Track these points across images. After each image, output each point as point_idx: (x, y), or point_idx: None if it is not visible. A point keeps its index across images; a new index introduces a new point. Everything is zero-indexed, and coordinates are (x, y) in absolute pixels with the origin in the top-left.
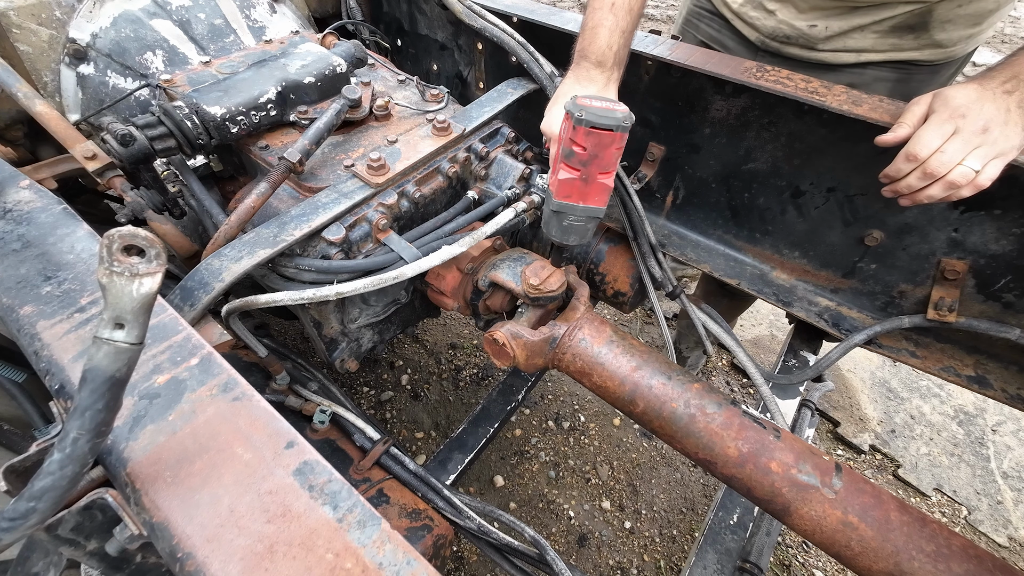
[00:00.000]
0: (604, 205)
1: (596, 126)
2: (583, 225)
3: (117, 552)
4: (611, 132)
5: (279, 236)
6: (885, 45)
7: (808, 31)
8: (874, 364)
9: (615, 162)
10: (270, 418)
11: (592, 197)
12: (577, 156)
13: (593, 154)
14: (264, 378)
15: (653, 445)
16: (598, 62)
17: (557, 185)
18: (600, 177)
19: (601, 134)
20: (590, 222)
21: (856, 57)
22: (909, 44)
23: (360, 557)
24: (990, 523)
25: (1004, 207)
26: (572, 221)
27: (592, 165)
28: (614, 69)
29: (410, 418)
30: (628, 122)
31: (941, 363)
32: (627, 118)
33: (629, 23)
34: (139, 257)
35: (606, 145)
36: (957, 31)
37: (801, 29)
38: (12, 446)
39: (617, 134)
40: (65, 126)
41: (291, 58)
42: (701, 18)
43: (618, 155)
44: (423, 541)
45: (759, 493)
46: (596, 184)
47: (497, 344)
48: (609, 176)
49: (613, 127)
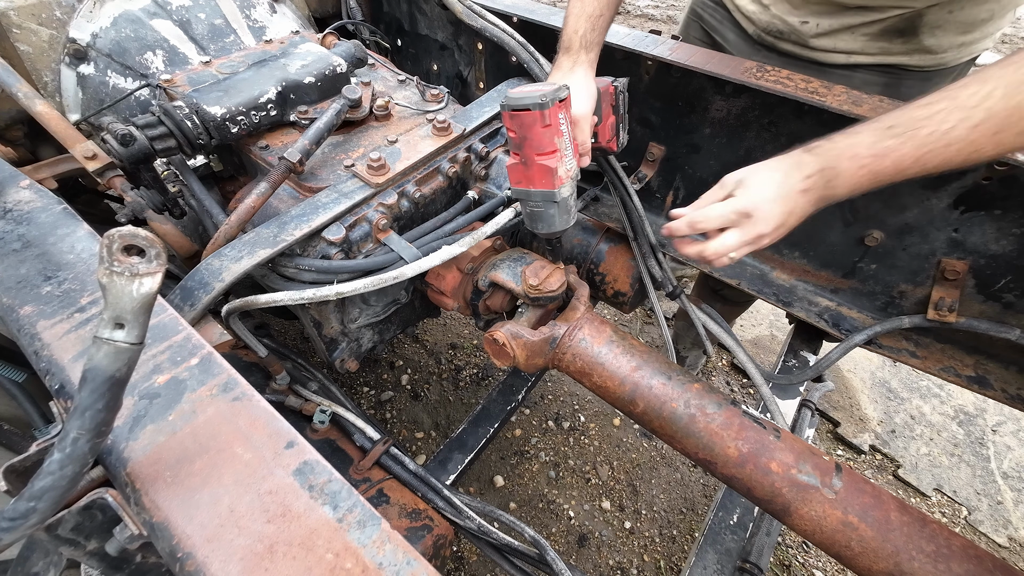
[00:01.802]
0: (554, 187)
1: (515, 108)
2: (544, 211)
3: (117, 552)
4: (529, 111)
5: (279, 236)
6: (874, 48)
7: (800, 27)
8: (874, 364)
9: (550, 142)
10: (270, 418)
11: (537, 180)
12: (513, 141)
13: (522, 136)
14: (264, 378)
15: (653, 445)
16: (565, 48)
17: (508, 173)
18: (539, 159)
19: (522, 115)
20: (549, 206)
21: (846, 59)
22: (898, 48)
23: (360, 557)
24: (990, 523)
25: (1004, 207)
26: (532, 207)
27: (525, 147)
28: (580, 52)
29: (410, 418)
30: (548, 98)
31: (941, 363)
32: (547, 95)
33: (596, 7)
34: (139, 257)
35: (529, 125)
36: (947, 37)
37: (793, 25)
38: (12, 446)
39: (536, 112)
40: (65, 126)
41: (291, 58)
42: (705, 8)
43: (549, 134)
44: (423, 541)
45: (759, 493)
46: (536, 166)
47: (497, 344)
48: (549, 157)
49: (530, 106)
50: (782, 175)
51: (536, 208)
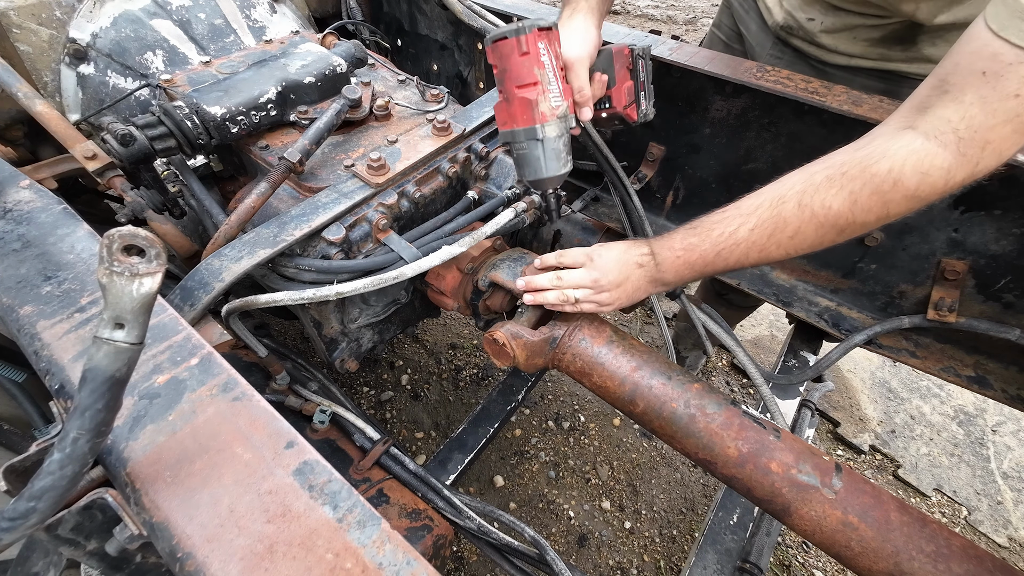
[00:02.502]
0: (535, 123)
1: (495, 39)
2: (528, 152)
3: (117, 552)
4: (506, 39)
5: (279, 236)
6: (874, 54)
7: (806, 24)
8: (874, 364)
9: (529, 72)
10: (270, 418)
11: (519, 116)
12: (496, 77)
13: (503, 68)
14: (264, 378)
15: (653, 445)
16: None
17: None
18: (518, 91)
19: (500, 45)
20: (533, 146)
21: (847, 61)
22: (897, 55)
23: (360, 557)
24: (990, 523)
25: (1004, 207)
26: (518, 150)
27: (506, 80)
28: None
29: (410, 418)
30: (526, 25)
31: (941, 363)
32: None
33: None
34: (139, 257)
35: (508, 55)
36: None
37: (801, 21)
38: (12, 446)
39: (512, 40)
40: (65, 126)
41: (291, 58)
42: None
43: (528, 63)
44: (423, 541)
45: (759, 493)
46: (517, 100)
47: (497, 344)
48: (528, 89)
49: (507, 33)
50: (625, 248)
51: (521, 150)
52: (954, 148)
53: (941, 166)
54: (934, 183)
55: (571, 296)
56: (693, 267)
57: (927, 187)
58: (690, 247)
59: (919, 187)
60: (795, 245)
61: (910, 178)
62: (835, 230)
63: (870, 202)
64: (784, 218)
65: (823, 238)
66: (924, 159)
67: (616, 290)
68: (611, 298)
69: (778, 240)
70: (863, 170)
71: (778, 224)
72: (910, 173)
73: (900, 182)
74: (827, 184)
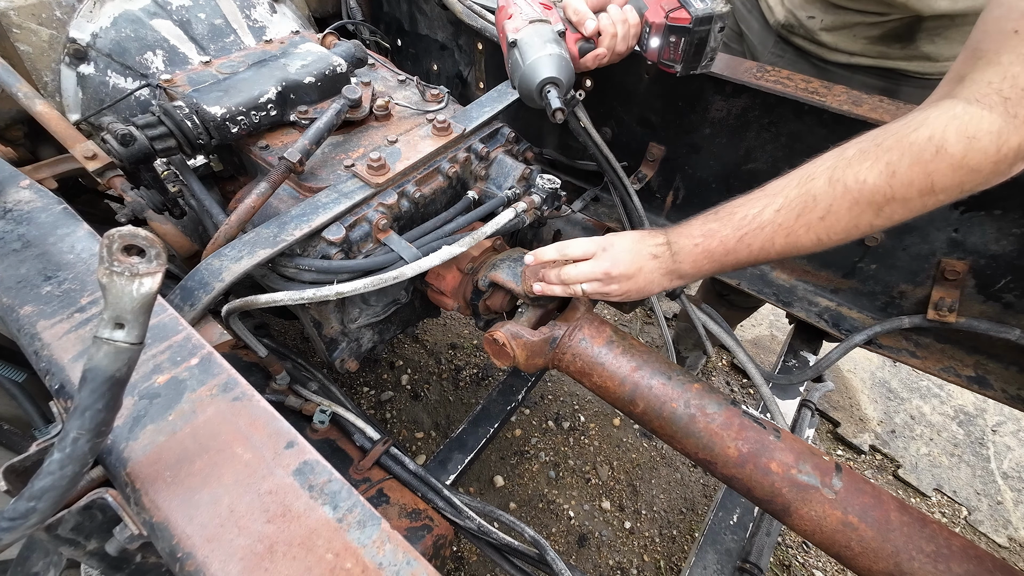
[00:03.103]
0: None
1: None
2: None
3: (117, 552)
4: None
5: (279, 236)
6: (874, 52)
7: (807, 22)
8: (874, 364)
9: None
10: (270, 418)
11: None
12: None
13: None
14: (264, 378)
15: (653, 445)
16: None
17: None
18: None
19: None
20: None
21: (847, 59)
22: (897, 53)
23: (360, 557)
24: (990, 523)
25: (1004, 207)
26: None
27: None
28: None
29: (410, 418)
30: None
31: (941, 363)
32: None
33: None
34: (139, 257)
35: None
36: (947, 46)
37: (801, 19)
38: (12, 446)
39: None
40: (65, 126)
41: (291, 58)
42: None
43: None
44: (423, 541)
45: (759, 493)
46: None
47: (497, 344)
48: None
49: None
50: (639, 237)
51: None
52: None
53: (990, 129)
54: (984, 148)
55: (578, 289)
56: (713, 256)
57: (977, 153)
58: (710, 233)
59: (967, 154)
60: (827, 228)
61: (954, 144)
62: (872, 208)
63: (911, 174)
64: (813, 196)
65: (859, 219)
66: (969, 123)
67: (627, 282)
68: (621, 289)
69: (807, 221)
70: (900, 140)
71: (807, 203)
72: (954, 139)
73: (943, 149)
74: (860, 157)
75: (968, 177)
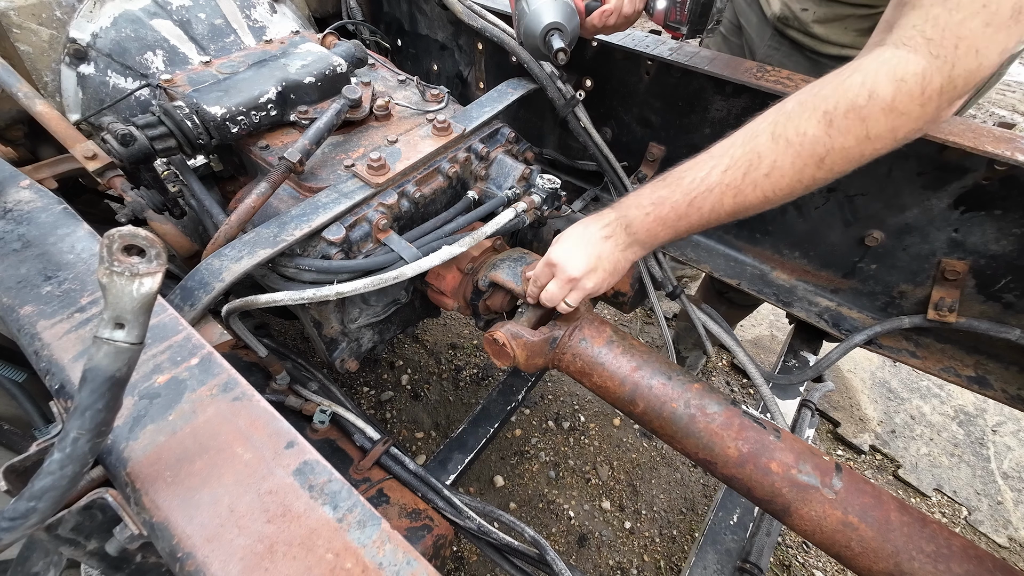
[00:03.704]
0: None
1: None
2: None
3: (117, 552)
4: None
5: (279, 236)
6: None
7: (800, 14)
8: (874, 364)
9: None
10: (270, 418)
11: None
12: None
13: None
14: (264, 378)
15: (653, 445)
16: None
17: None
18: None
19: None
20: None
21: (839, 51)
22: None
23: (360, 557)
24: (990, 523)
25: (1004, 207)
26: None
27: None
28: None
29: (410, 418)
30: None
31: (941, 363)
32: None
33: None
34: (139, 257)
35: None
36: None
37: (796, 11)
38: (12, 446)
39: None
40: (65, 126)
41: (291, 58)
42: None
43: None
44: (423, 541)
45: (759, 493)
46: None
47: (497, 344)
48: None
49: None
50: (583, 227)
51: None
52: (924, 51)
53: (915, 71)
54: (910, 91)
55: (563, 307)
56: (666, 222)
57: (904, 96)
58: (660, 200)
59: (896, 97)
60: (772, 184)
61: (885, 88)
62: (814, 160)
63: (847, 121)
64: (758, 153)
65: (802, 173)
66: (897, 67)
67: (593, 274)
68: (595, 285)
69: (753, 179)
70: (835, 88)
71: (752, 160)
72: (884, 82)
73: (875, 93)
74: (799, 109)
75: (899, 122)
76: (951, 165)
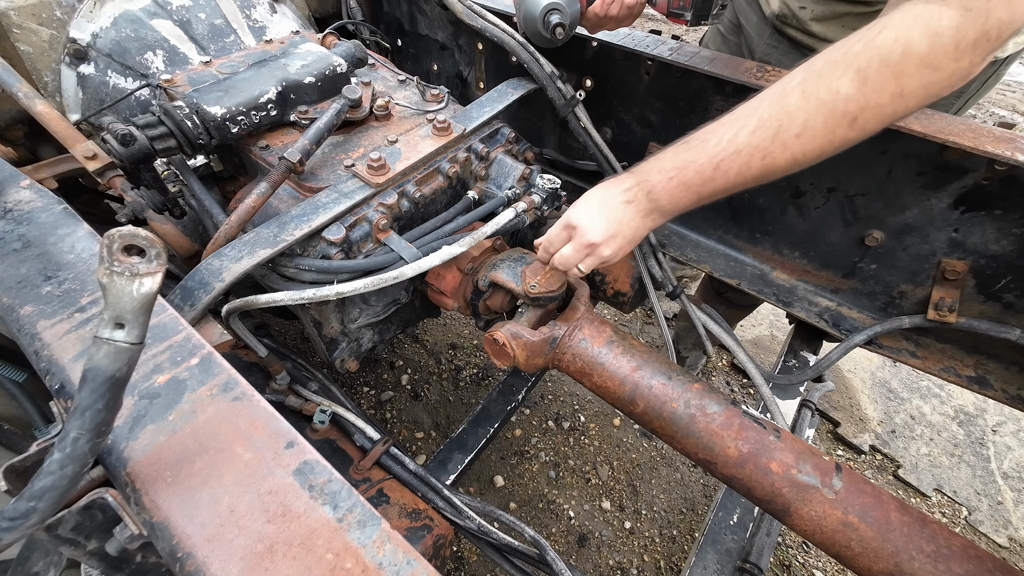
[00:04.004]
0: None
1: None
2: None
3: (117, 552)
4: None
5: (279, 236)
6: None
7: (798, 12)
8: (874, 364)
9: None
10: (270, 418)
11: None
12: None
13: None
14: (264, 378)
15: (653, 445)
16: None
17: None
18: None
19: None
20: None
21: None
22: None
23: (360, 557)
24: (990, 523)
25: (1004, 207)
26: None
27: None
28: None
29: (410, 418)
30: None
31: (941, 363)
32: None
33: None
34: (139, 257)
35: None
36: None
37: (794, 9)
38: (12, 446)
39: None
40: (65, 126)
41: (291, 58)
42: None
43: None
44: (423, 541)
45: (759, 493)
46: None
47: (497, 344)
48: None
49: None
50: (603, 190)
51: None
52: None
53: (949, 25)
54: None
55: (575, 272)
56: (690, 187)
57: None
58: (684, 164)
59: (931, 52)
60: (803, 145)
61: (919, 43)
62: (847, 119)
63: (881, 77)
64: (788, 112)
65: (834, 133)
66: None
67: (613, 241)
68: (612, 252)
69: (784, 140)
70: (867, 45)
71: (782, 121)
72: (918, 37)
73: (910, 48)
74: (831, 68)
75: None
76: (951, 165)
